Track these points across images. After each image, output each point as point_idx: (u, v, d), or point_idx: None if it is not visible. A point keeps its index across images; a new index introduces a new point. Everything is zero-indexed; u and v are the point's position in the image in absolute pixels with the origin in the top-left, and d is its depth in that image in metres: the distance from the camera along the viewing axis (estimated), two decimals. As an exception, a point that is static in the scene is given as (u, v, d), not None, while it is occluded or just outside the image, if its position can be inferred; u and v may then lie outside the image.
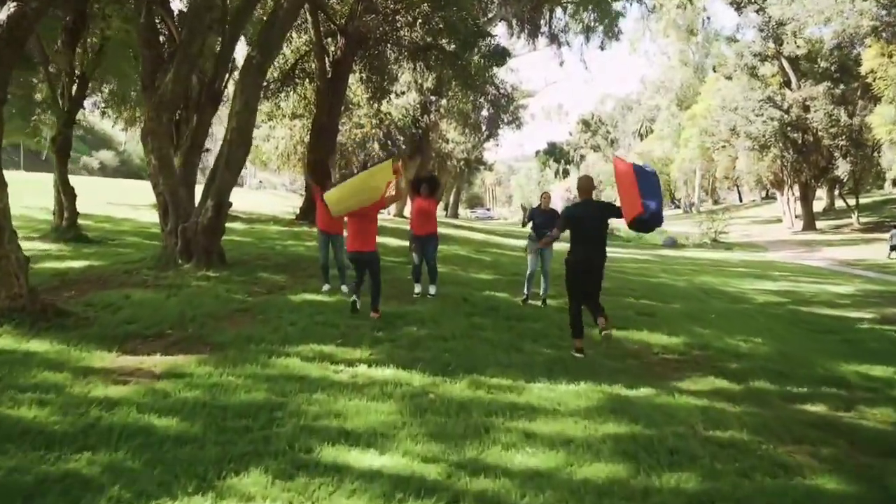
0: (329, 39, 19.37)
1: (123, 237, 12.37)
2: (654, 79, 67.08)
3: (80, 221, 13.85)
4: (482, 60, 19.62)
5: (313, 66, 19.65)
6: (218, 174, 8.89)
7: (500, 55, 19.50)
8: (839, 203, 44.55)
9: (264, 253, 10.90)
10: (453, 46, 18.57)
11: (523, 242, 10.23)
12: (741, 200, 65.87)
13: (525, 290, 7.99)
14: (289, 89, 20.71)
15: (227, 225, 16.17)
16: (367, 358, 4.77)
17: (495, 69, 26.97)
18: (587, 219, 5.49)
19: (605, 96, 78.65)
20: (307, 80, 20.59)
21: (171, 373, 4.13)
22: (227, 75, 9.79)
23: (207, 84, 9.58)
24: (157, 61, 9.35)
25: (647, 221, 5.10)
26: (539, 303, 7.86)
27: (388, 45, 19.07)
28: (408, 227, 8.35)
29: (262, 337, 5.14)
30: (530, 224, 8.10)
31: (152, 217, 14.34)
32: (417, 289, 7.83)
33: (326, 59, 18.29)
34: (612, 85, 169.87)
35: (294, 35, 20.19)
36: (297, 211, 21.28)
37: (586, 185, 5.84)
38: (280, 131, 26.68)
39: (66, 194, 11.12)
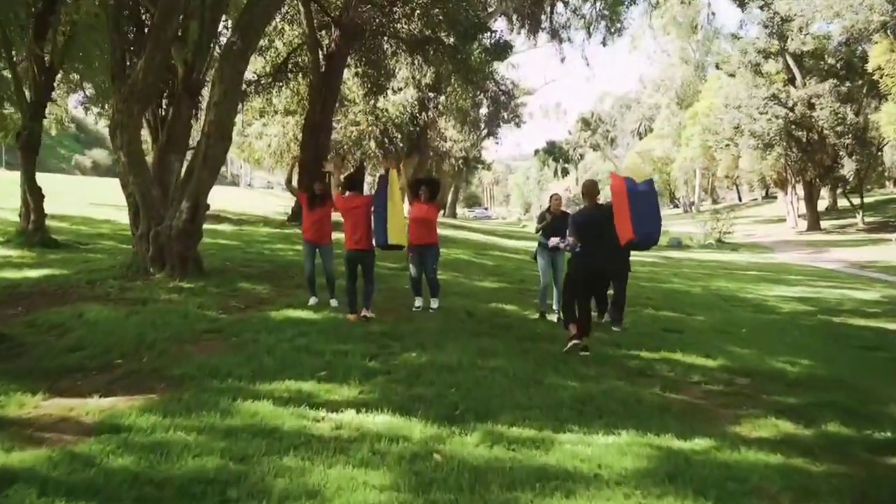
0: (323, 32, 18.48)
1: (98, 241, 11.46)
2: (655, 77, 66.31)
3: (53, 224, 12.94)
4: (483, 54, 18.76)
5: (306, 59, 18.77)
6: (194, 173, 8.00)
7: (502, 48, 18.65)
8: (841, 202, 43.93)
9: (249, 259, 10.01)
10: (453, 39, 17.70)
11: (525, 244, 9.11)
12: (740, 200, 65.23)
13: (541, 305, 7.14)
14: (281, 84, 19.82)
15: (213, 227, 15.29)
16: (356, 398, 3.90)
17: (496, 64, 26.19)
18: (591, 226, 5.54)
19: (603, 94, 77.92)
20: (300, 74, 19.70)
21: (106, 425, 3.25)
22: (206, 64, 8.88)
23: (185, 74, 8.67)
24: (128, 47, 8.47)
25: (637, 244, 5.41)
26: (554, 318, 7.00)
27: (385, 38, 18.19)
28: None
29: (230, 369, 4.25)
30: (538, 228, 7.26)
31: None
32: (418, 302, 6.96)
33: (320, 52, 17.39)
34: (611, 84, 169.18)
35: (286, 27, 19.32)
36: (289, 212, 20.39)
37: (590, 189, 5.76)
38: (273, 128, 25.75)
39: (32, 194, 10.20)
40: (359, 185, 6.87)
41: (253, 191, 53.45)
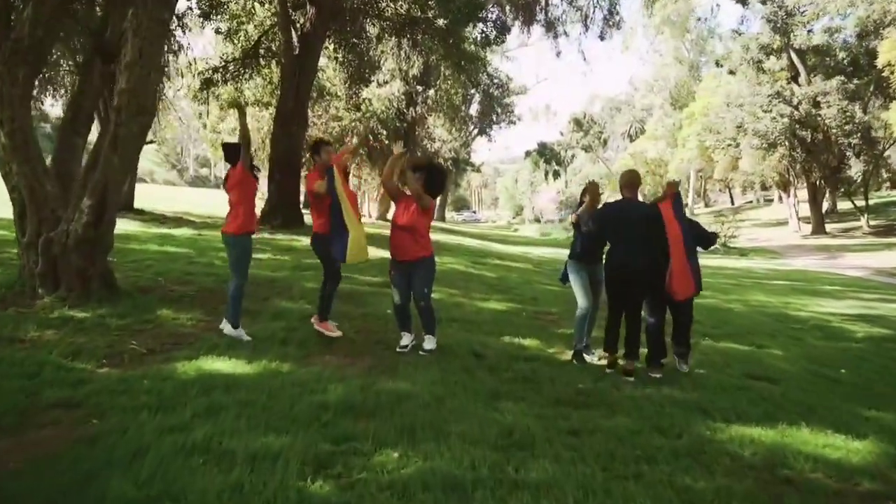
0: (297, 12, 16.39)
1: (7, 250, 9.24)
2: (647, 77, 64.91)
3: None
4: (480, 37, 16.80)
5: (280, 43, 16.67)
6: (101, 159, 5.90)
7: (500, 31, 16.69)
8: (841, 205, 42.74)
9: (192, 273, 7.90)
10: (444, 21, 15.71)
11: (523, 249, 6.94)
12: (733, 203, 64.12)
13: (578, 340, 5.12)
14: (251, 71, 17.69)
15: (169, 232, 13.05)
16: None
17: (490, 56, 24.26)
18: (622, 221, 4.78)
19: (593, 97, 76.40)
20: (274, 61, 17.59)
21: None
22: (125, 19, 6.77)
23: (94, 33, 6.58)
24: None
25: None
26: (595, 359, 5.01)
27: (368, 19, 16.15)
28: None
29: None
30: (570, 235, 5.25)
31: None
32: (405, 340, 4.92)
33: (293, 31, 15.28)
34: (601, 87, 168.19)
35: (257, 7, 17.23)
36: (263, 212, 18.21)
37: (630, 180, 4.94)
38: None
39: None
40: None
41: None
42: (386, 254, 11.87)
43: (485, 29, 16.77)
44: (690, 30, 57.37)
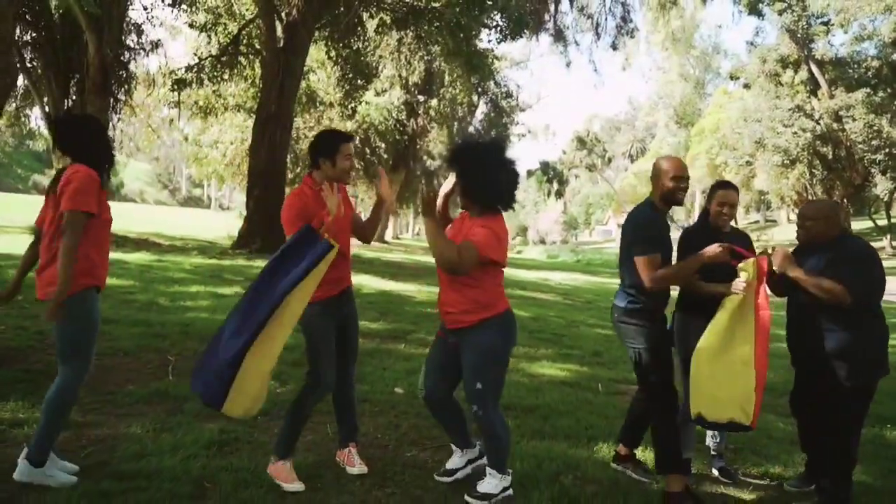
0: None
1: None
2: (651, 94, 63.70)
3: None
4: (494, 32, 14.66)
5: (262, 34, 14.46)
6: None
7: (518, 23, 14.55)
8: (855, 225, 41.01)
9: (111, 320, 5.47)
10: (453, 14, 13.58)
11: (539, 275, 6.26)
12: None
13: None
14: (231, 71, 15.43)
15: (121, 257, 10.53)
16: None
17: (497, 62, 22.23)
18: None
19: (592, 117, 75.21)
20: (257, 59, 15.36)
21: None
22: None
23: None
24: None
25: None
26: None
27: (365, 8, 13.98)
28: (393, 258, 3.28)
29: None
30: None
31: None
32: (453, 461, 2.65)
33: (277, 21, 13.06)
34: (599, 107, 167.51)
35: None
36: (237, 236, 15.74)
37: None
38: (230, 134, 21.32)
39: None
40: None
41: (225, 213, 47.88)
42: (379, 283, 9.07)
43: (500, 22, 14.64)
44: (695, 45, 56.19)
